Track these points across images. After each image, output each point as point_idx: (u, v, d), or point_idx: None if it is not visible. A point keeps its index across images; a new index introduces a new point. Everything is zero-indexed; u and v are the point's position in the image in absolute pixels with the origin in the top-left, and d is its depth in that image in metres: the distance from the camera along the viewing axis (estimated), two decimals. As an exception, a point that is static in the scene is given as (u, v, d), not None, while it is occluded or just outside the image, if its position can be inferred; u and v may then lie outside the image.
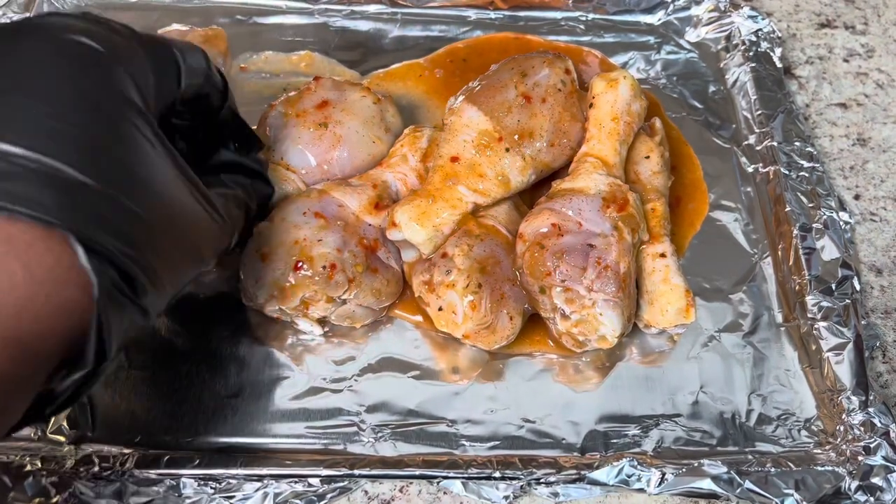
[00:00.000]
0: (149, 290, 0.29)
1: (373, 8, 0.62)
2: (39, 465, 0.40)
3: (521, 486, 0.41)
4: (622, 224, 0.44)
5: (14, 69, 0.28)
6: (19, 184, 0.25)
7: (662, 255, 0.47)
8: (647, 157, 0.50)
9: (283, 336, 0.47)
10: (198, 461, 0.41)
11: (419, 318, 0.47)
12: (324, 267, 0.43)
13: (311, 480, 0.41)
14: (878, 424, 0.43)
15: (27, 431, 0.42)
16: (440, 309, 0.45)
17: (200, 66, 0.38)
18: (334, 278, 0.43)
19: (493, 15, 0.63)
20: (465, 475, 0.41)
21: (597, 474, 0.41)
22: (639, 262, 0.47)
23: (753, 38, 0.60)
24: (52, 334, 0.26)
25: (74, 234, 0.26)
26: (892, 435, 0.42)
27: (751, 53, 0.60)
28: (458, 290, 0.44)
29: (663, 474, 0.41)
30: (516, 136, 0.47)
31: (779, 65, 0.59)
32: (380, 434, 0.43)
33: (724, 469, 0.41)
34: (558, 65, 0.50)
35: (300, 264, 0.43)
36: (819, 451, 0.43)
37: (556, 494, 0.41)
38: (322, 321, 0.46)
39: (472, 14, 0.63)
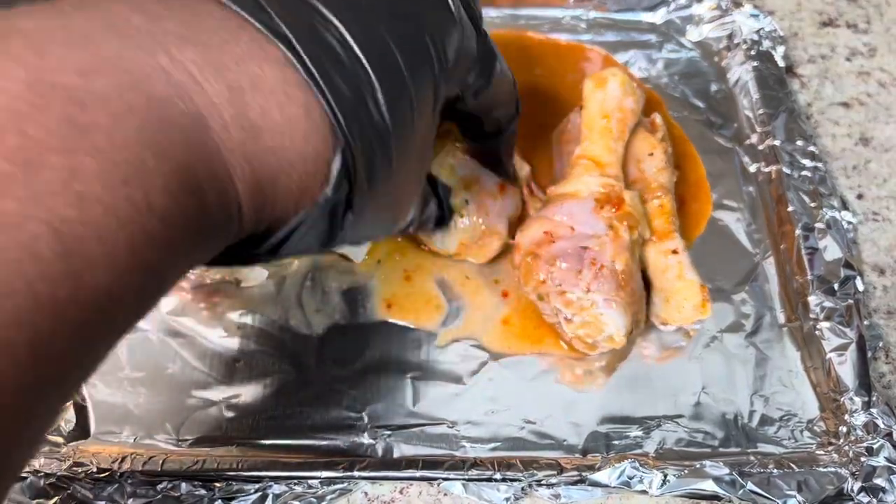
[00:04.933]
0: (346, 231, 0.29)
1: (373, 6, 0.62)
2: (37, 466, 0.40)
3: (523, 488, 0.41)
4: (617, 223, 0.44)
5: None
6: (334, 63, 0.25)
7: (675, 252, 0.47)
8: (651, 154, 0.50)
9: (283, 336, 0.46)
10: (196, 462, 0.41)
11: (419, 323, 0.47)
12: None
13: (310, 482, 0.40)
14: (881, 425, 0.43)
15: (25, 432, 0.42)
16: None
17: (507, 85, 0.38)
18: None
19: (493, 13, 0.62)
20: (466, 477, 0.41)
21: (598, 476, 0.41)
22: (651, 259, 0.47)
23: (755, 37, 0.60)
24: (277, 208, 0.26)
25: (345, 140, 0.25)
26: (894, 436, 0.42)
27: (752, 52, 0.59)
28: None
29: (665, 476, 0.41)
30: None
31: (781, 64, 0.59)
32: (379, 435, 0.43)
33: (727, 470, 0.41)
34: None
35: None
36: (821, 453, 0.43)
37: (557, 496, 0.41)
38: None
39: (472, 12, 0.62)
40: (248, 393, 0.44)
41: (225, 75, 0.23)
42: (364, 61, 0.25)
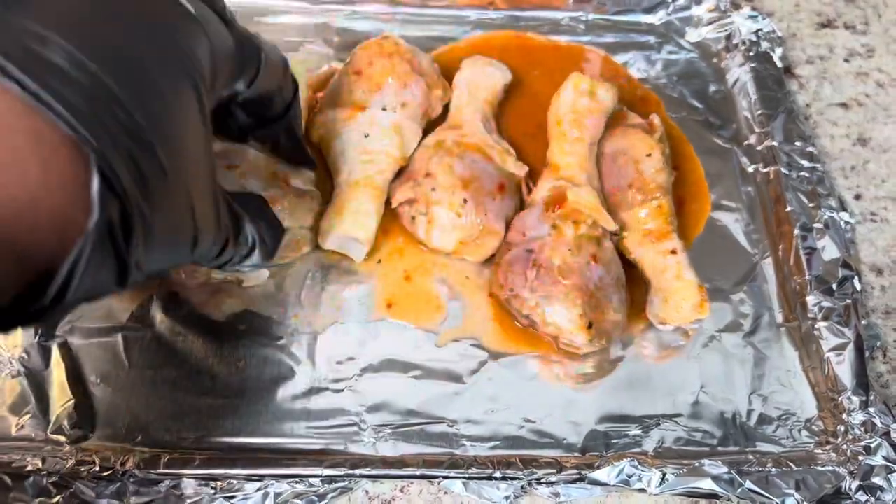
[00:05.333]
0: (139, 259, 0.26)
1: (373, 8, 0.62)
2: (40, 464, 0.40)
3: (522, 486, 0.41)
4: (560, 221, 0.46)
5: None
6: (62, 80, 0.23)
7: (673, 252, 0.47)
8: (649, 155, 0.50)
9: (284, 336, 0.47)
10: (198, 461, 0.41)
11: (419, 323, 0.48)
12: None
13: (311, 480, 0.41)
14: (879, 424, 0.43)
15: (28, 431, 0.43)
16: (430, 222, 0.48)
17: (278, 69, 0.38)
18: (275, 206, 0.45)
19: (493, 15, 0.63)
20: (466, 475, 0.41)
21: (597, 474, 0.41)
22: (649, 260, 0.47)
23: (754, 38, 0.60)
24: (37, 251, 0.23)
25: (97, 155, 0.23)
26: (892, 435, 0.42)
27: (751, 53, 0.60)
28: (445, 205, 0.47)
29: (664, 474, 0.41)
30: (365, 103, 0.50)
31: (779, 64, 0.59)
32: (380, 434, 0.43)
33: (725, 469, 0.41)
34: (375, 38, 0.54)
35: None
36: (820, 451, 0.43)
37: (556, 494, 0.41)
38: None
39: (472, 14, 0.63)
40: (249, 392, 0.44)
41: None
42: (98, 72, 0.24)
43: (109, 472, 0.40)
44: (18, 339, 0.45)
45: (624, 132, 0.51)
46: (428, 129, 0.53)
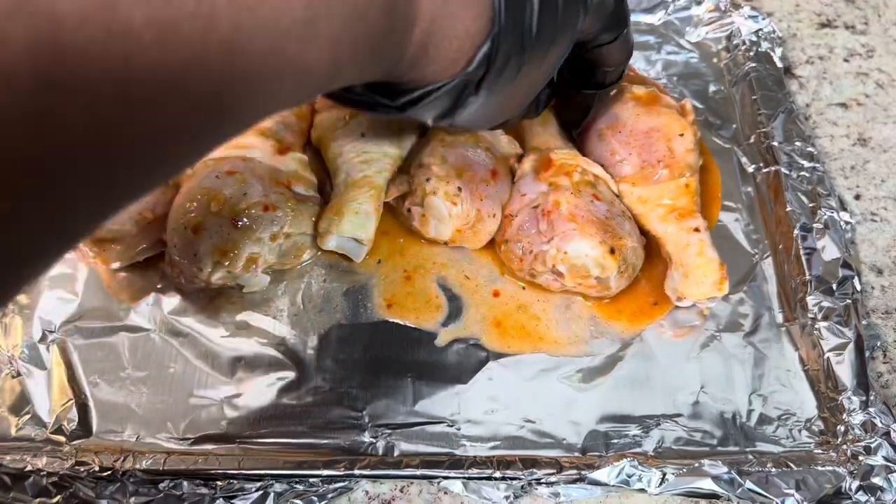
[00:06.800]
0: (463, 112, 0.34)
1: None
2: (40, 465, 0.40)
3: (522, 487, 0.41)
4: (554, 178, 0.48)
5: None
6: None
7: (696, 230, 0.48)
8: (682, 135, 0.50)
9: (285, 337, 0.47)
10: (198, 461, 0.41)
11: (419, 323, 0.48)
12: (265, 208, 0.45)
13: (311, 480, 0.41)
14: (879, 424, 0.43)
15: (28, 431, 0.43)
16: (424, 216, 0.48)
17: (625, 49, 0.43)
18: (276, 212, 0.45)
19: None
20: (466, 475, 0.41)
21: (597, 474, 0.41)
22: (672, 236, 0.48)
23: (754, 38, 0.60)
24: (434, 63, 0.31)
25: (496, 31, 0.30)
26: (892, 435, 0.42)
27: (751, 53, 0.60)
28: (441, 194, 0.47)
29: (664, 474, 0.41)
30: None
31: (779, 64, 0.59)
32: (380, 434, 0.43)
33: (725, 469, 0.41)
34: None
35: (236, 220, 0.44)
36: (820, 451, 0.43)
37: (556, 495, 0.41)
38: (267, 270, 0.48)
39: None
40: (249, 392, 0.44)
41: None
42: None
43: (109, 472, 0.40)
44: (19, 339, 0.46)
45: (658, 111, 0.51)
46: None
